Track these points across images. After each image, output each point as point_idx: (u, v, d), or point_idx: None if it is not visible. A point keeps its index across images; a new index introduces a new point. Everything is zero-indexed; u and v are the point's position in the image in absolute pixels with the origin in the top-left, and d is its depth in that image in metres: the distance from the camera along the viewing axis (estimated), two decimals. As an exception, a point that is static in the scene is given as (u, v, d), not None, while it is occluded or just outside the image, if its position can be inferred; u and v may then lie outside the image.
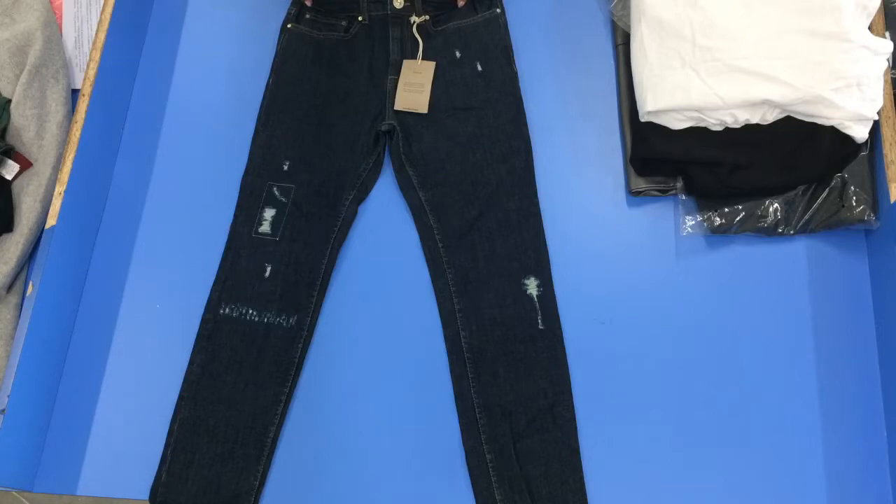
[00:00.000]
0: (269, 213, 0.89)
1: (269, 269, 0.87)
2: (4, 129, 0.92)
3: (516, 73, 0.94)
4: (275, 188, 0.90)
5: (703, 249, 0.87)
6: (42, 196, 0.90)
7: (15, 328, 0.87)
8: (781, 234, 0.85)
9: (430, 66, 0.94)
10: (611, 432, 0.80)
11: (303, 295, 0.86)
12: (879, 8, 0.86)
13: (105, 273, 0.91)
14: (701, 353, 0.83)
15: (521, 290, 0.84)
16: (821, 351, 0.82)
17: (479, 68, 0.94)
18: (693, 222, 0.86)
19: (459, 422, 0.82)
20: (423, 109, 0.92)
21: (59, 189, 0.87)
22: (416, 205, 0.90)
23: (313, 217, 0.89)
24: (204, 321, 0.86)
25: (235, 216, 0.90)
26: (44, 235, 0.87)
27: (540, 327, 0.83)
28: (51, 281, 0.84)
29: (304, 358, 0.85)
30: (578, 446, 0.79)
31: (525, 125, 0.92)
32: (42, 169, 0.91)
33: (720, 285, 0.85)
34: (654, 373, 0.82)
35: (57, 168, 0.91)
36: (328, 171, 0.91)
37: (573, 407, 0.80)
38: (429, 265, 0.88)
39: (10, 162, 0.90)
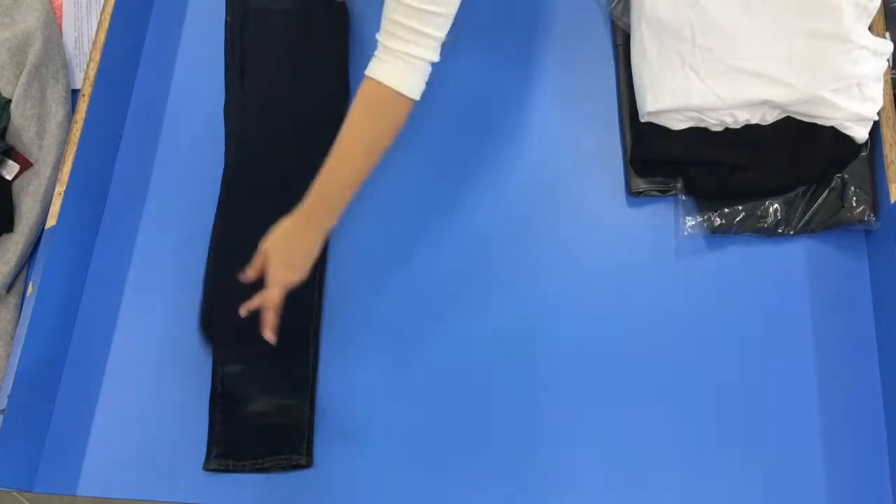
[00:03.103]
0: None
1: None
2: (4, 129, 0.92)
3: None
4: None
5: (703, 249, 0.87)
6: (42, 196, 0.90)
7: (15, 328, 0.87)
8: (781, 234, 0.85)
9: None
10: (610, 432, 0.80)
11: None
12: (879, 8, 0.86)
13: (105, 273, 0.91)
14: (701, 352, 0.82)
15: None
16: (821, 351, 0.82)
17: None
18: (693, 222, 0.86)
19: None
20: None
21: (59, 189, 0.87)
22: None
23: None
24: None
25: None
26: (44, 235, 0.87)
27: None
28: (51, 281, 0.84)
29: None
30: None
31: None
32: (42, 169, 0.91)
33: (720, 285, 0.85)
34: (653, 373, 0.82)
35: (57, 168, 0.91)
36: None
37: None
38: None
39: (10, 162, 0.90)
